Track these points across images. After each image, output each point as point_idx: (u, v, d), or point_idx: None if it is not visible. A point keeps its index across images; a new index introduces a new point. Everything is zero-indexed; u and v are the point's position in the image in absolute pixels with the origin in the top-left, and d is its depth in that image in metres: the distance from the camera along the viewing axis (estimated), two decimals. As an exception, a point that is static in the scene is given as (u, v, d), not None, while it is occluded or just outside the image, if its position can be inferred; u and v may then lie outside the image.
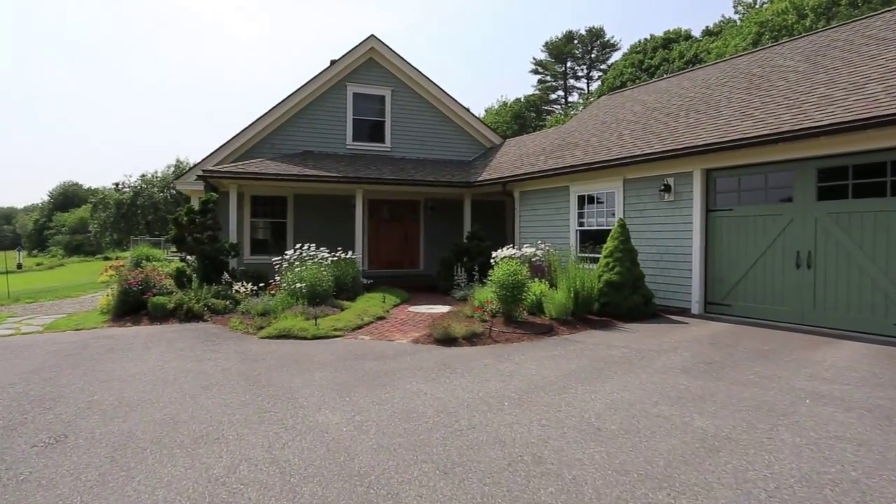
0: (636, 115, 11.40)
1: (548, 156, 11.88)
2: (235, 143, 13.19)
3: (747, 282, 7.81)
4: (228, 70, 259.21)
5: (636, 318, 8.03)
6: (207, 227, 10.12)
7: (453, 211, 15.21)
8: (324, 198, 14.04)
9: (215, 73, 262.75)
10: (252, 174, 11.29)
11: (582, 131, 12.43)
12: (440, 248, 14.86)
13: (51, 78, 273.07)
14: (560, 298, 7.70)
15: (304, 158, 13.18)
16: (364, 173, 12.53)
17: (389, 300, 9.89)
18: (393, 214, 15.14)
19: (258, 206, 13.67)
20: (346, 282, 10.22)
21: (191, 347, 6.35)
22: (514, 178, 11.62)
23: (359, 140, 14.46)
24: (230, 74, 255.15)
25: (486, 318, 7.72)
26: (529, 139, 15.43)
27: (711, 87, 10.43)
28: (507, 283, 7.40)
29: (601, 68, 59.89)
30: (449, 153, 15.39)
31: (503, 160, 13.71)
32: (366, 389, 4.56)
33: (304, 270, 8.86)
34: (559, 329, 7.31)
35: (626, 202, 9.55)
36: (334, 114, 14.20)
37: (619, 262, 8.17)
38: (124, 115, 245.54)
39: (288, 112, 13.70)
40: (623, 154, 9.23)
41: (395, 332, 7.31)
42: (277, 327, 7.14)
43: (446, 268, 12.40)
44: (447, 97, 15.18)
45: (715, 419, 3.70)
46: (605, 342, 6.48)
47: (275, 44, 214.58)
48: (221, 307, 8.69)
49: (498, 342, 6.57)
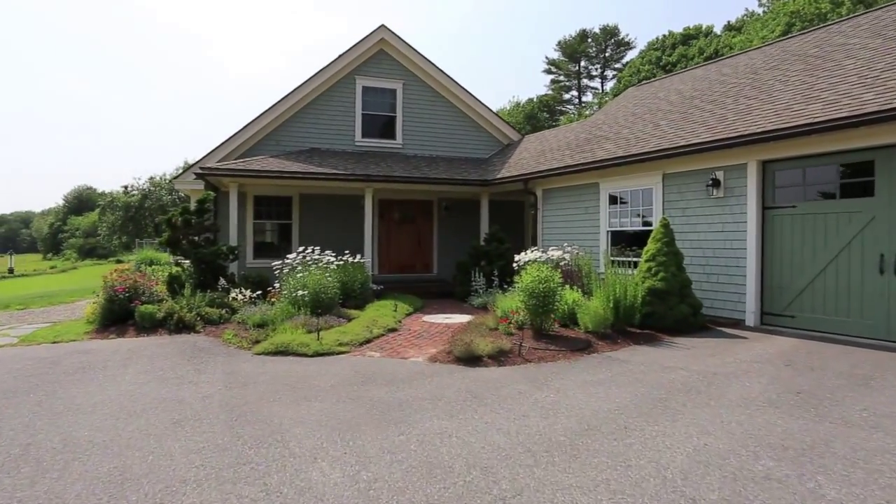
0: (672, 104, 10.38)
1: (574, 150, 10.90)
2: (237, 139, 12.42)
3: (815, 290, 6.75)
4: (254, 76, 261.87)
5: (683, 330, 7.01)
6: (204, 228, 9.32)
7: (469, 212, 14.28)
8: (331, 198, 13.20)
9: (245, 80, 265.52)
10: (253, 172, 10.48)
11: (611, 124, 11.43)
12: (455, 251, 13.94)
13: (66, 82, 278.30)
14: (597, 309, 6.71)
15: (309, 156, 12.36)
16: (374, 171, 11.66)
17: (401, 308, 8.98)
18: (404, 215, 14.25)
19: (261, 207, 12.86)
20: (354, 288, 9.33)
21: (173, 366, 5.49)
22: (537, 175, 10.66)
23: (368, 136, 13.62)
24: (256, 81, 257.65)
25: (511, 331, 6.77)
26: (551, 134, 14.45)
27: (759, 72, 9.37)
28: (537, 291, 6.44)
29: (615, 67, 58.69)
30: (464, 150, 14.48)
31: (523, 156, 12.75)
32: (374, 429, 3.63)
33: (307, 276, 7.99)
34: (598, 344, 6.32)
35: (665, 200, 8.53)
36: (342, 109, 13.37)
37: (664, 266, 7.16)
38: (140, 118, 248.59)
39: (293, 107, 12.90)
40: (663, 146, 8.22)
41: (408, 348, 6.39)
42: (275, 342, 6.25)
43: (463, 272, 11.46)
44: (462, 90, 14.27)
45: (851, 487, 2.71)
46: (656, 361, 5.48)
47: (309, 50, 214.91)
48: (216, 317, 7.84)
49: (530, 361, 5.61)
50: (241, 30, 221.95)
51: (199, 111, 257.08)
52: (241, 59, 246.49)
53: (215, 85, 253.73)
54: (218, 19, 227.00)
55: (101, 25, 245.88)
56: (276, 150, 12.61)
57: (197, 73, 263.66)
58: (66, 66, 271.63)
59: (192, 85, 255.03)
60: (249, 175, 10.46)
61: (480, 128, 14.71)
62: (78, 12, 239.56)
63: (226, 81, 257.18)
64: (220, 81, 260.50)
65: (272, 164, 11.12)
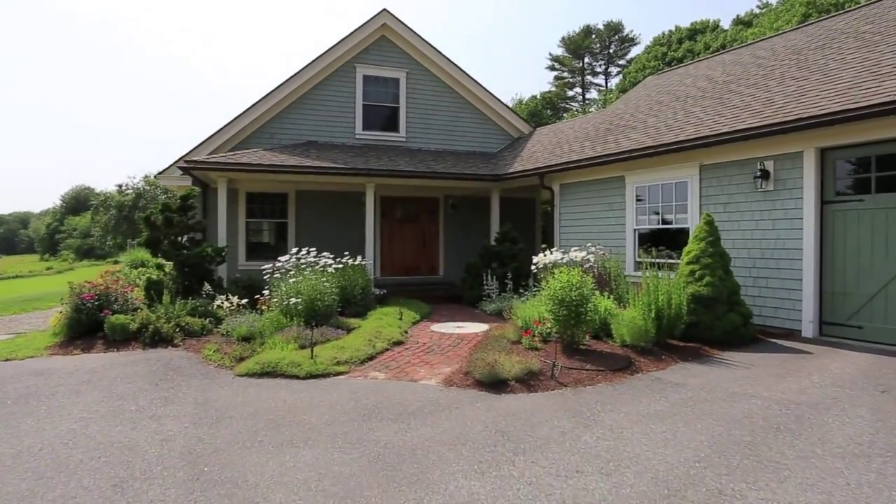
0: (703, 90, 9.44)
1: (595, 141, 9.96)
2: (227, 132, 11.49)
3: (888, 296, 5.82)
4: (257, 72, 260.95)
5: (733, 343, 6.09)
6: (188, 228, 8.40)
7: (477, 209, 13.35)
8: (330, 195, 12.27)
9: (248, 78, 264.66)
10: (244, 165, 9.55)
11: (633, 113, 10.49)
12: (463, 252, 13.02)
13: (65, 81, 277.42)
14: (635, 319, 5.78)
15: (306, 149, 11.43)
16: (376, 165, 10.73)
17: (407, 316, 8.05)
18: (408, 213, 13.32)
19: (255, 205, 11.93)
20: (354, 294, 8.41)
21: (137, 393, 4.56)
22: (555, 169, 9.73)
23: (370, 129, 12.68)
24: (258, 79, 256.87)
25: (536, 345, 5.84)
26: (566, 125, 13.52)
27: (804, 52, 8.44)
28: (568, 299, 5.51)
29: (619, 64, 57.82)
30: (471, 144, 13.54)
31: (536, 149, 11.82)
32: (382, 495, 2.71)
33: (301, 282, 7.06)
34: (639, 362, 5.39)
35: (702, 194, 7.60)
36: (341, 99, 12.44)
37: (709, 269, 6.23)
38: (139, 115, 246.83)
39: (288, 97, 11.97)
40: (701, 133, 7.29)
41: (418, 366, 5.46)
42: (261, 360, 5.32)
43: (472, 275, 10.54)
44: (470, 80, 13.34)
45: None
46: (718, 386, 4.55)
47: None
48: (198, 328, 6.92)
49: (565, 385, 4.68)
50: (248, 30, 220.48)
51: (206, 110, 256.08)
52: (244, 59, 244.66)
53: (218, 86, 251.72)
54: (222, 19, 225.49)
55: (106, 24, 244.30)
56: (270, 144, 11.68)
57: (201, 73, 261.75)
58: (65, 63, 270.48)
59: (198, 84, 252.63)
60: (239, 169, 9.54)
61: (489, 120, 13.77)
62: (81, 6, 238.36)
63: (232, 80, 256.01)
64: (222, 81, 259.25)
65: (265, 157, 10.20)
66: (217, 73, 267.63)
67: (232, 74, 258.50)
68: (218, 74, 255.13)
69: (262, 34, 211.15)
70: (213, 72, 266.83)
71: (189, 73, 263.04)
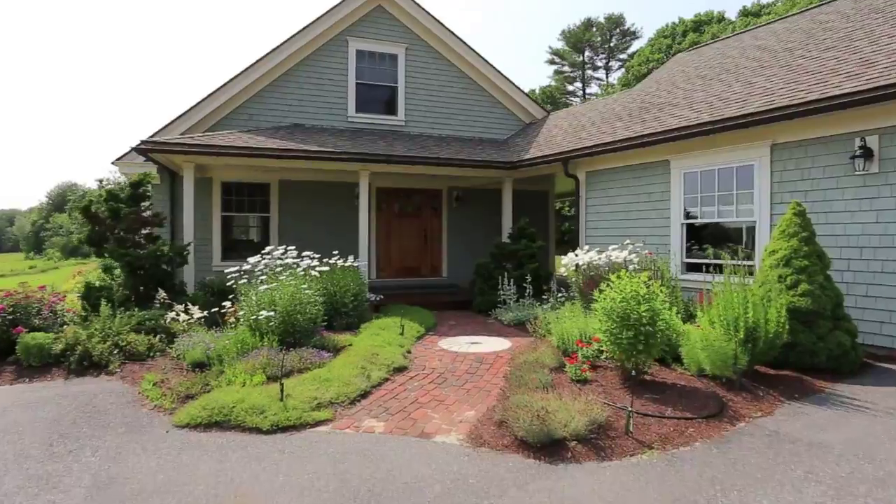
0: (759, 60, 7.99)
1: (628, 121, 8.51)
2: (199, 112, 9.94)
3: None
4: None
5: (840, 371, 4.67)
6: (141, 222, 6.87)
7: (486, 203, 11.89)
8: (319, 186, 10.75)
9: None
10: (213, 148, 8.02)
11: (670, 89, 9.04)
12: (469, 250, 11.57)
13: (53, 75, 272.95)
14: (716, 341, 4.32)
15: (290, 132, 9.90)
16: (370, 149, 9.23)
17: (410, 329, 6.57)
18: (408, 207, 11.82)
19: (231, 197, 10.39)
20: (345, 302, 6.90)
21: (14, 462, 3.05)
22: (581, 153, 8.26)
23: (364, 111, 11.16)
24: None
25: (586, 376, 4.38)
26: (586, 108, 12.07)
27: (883, 10, 7.01)
28: (634, 316, 4.04)
29: (620, 58, 56.58)
30: (479, 129, 12.05)
31: (555, 133, 10.35)
32: None
33: (275, 289, 5.54)
34: (732, 402, 3.94)
35: (775, 180, 6.15)
36: (332, 77, 10.91)
37: (806, 274, 4.79)
38: (135, 111, 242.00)
39: (271, 73, 10.42)
40: (777, 104, 5.84)
41: (429, 408, 3.98)
42: (211, 403, 3.80)
43: (483, 278, 9.08)
44: (477, 57, 11.84)
45: None
46: (874, 447, 3.10)
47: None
48: (143, 348, 5.39)
49: (648, 446, 3.21)
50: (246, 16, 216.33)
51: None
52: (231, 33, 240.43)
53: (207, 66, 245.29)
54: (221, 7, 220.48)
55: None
56: (250, 126, 10.14)
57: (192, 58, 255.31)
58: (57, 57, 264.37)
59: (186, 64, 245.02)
60: (208, 151, 7.99)
61: (498, 103, 12.28)
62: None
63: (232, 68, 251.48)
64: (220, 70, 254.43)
65: (241, 139, 8.66)
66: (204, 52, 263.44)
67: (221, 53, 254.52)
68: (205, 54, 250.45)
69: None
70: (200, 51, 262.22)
71: (176, 53, 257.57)
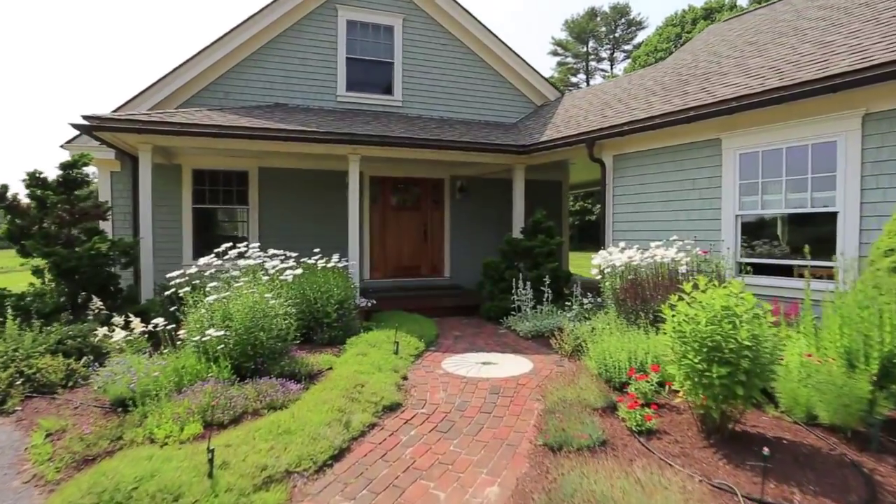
0: (826, 19, 6.70)
1: (663, 96, 7.23)
2: (166, 87, 8.63)
3: None
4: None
5: None
6: (80, 214, 5.59)
7: (494, 193, 10.64)
8: (305, 175, 9.48)
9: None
10: (174, 126, 6.73)
11: (713, 59, 7.75)
12: (475, 247, 10.34)
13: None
14: (832, 375, 3.06)
15: (270, 112, 8.61)
16: (361, 129, 7.95)
17: (406, 345, 5.32)
18: (406, 199, 10.57)
19: (204, 187, 9.12)
20: (327, 311, 5.65)
21: None
22: (609, 132, 6.98)
23: (356, 90, 9.86)
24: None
25: (650, 424, 3.13)
26: (609, 85, 10.78)
27: None
28: (729, 347, 2.78)
29: (625, 48, 55.25)
30: (485, 112, 10.75)
31: (573, 113, 9.07)
32: None
33: (232, 300, 4.27)
34: (874, 471, 2.69)
35: (867, 159, 4.88)
36: (319, 51, 9.60)
37: (942, 282, 3.52)
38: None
39: (249, 44, 9.11)
40: (878, 59, 4.56)
41: (433, 480, 2.73)
42: (100, 484, 2.49)
43: (492, 279, 7.82)
44: (484, 31, 10.53)
45: None
46: None
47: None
48: (59, 377, 4.13)
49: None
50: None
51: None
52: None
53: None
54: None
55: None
56: (225, 105, 8.86)
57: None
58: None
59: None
60: (167, 130, 6.71)
61: (506, 83, 10.97)
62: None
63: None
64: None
65: (208, 117, 7.38)
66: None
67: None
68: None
69: None
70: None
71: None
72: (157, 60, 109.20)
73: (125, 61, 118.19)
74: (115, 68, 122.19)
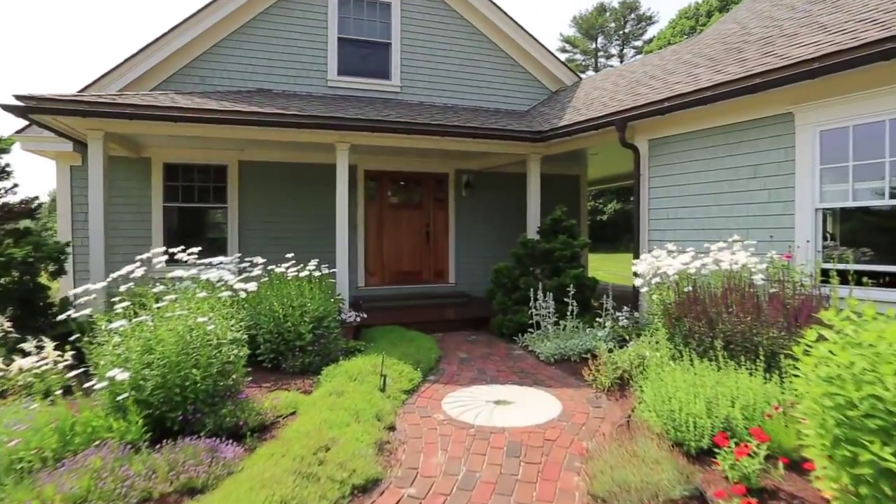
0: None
1: (710, 66, 6.02)
2: (131, 71, 7.56)
3: None
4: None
5: None
6: (3, 212, 4.50)
7: (504, 189, 9.50)
8: (292, 169, 8.40)
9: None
10: (126, 108, 5.64)
11: (767, 25, 6.51)
12: (484, 249, 9.22)
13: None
14: None
15: (249, 97, 7.53)
16: (352, 114, 6.82)
17: (397, 377, 4.16)
18: (405, 195, 9.44)
19: (178, 182, 8.05)
20: (300, 332, 4.51)
21: None
22: (646, 111, 5.80)
23: (349, 73, 8.75)
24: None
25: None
26: (636, 65, 9.61)
27: None
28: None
29: (635, 45, 53.89)
30: (494, 98, 9.59)
31: (596, 96, 7.88)
32: None
33: (159, 327, 3.13)
34: None
35: None
36: (308, 29, 8.51)
37: None
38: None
39: (228, 21, 8.03)
40: None
41: None
42: None
43: (505, 288, 6.64)
44: (492, 7, 9.38)
45: None
46: None
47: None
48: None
49: None
50: None
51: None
52: None
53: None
54: None
55: None
56: (202, 90, 7.79)
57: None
58: None
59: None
60: (120, 114, 5.62)
61: (517, 66, 9.80)
62: None
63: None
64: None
65: (171, 100, 6.30)
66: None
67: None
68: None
69: None
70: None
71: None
72: (133, 44, 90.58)
73: (100, 43, 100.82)
74: (88, 51, 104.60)
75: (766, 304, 3.65)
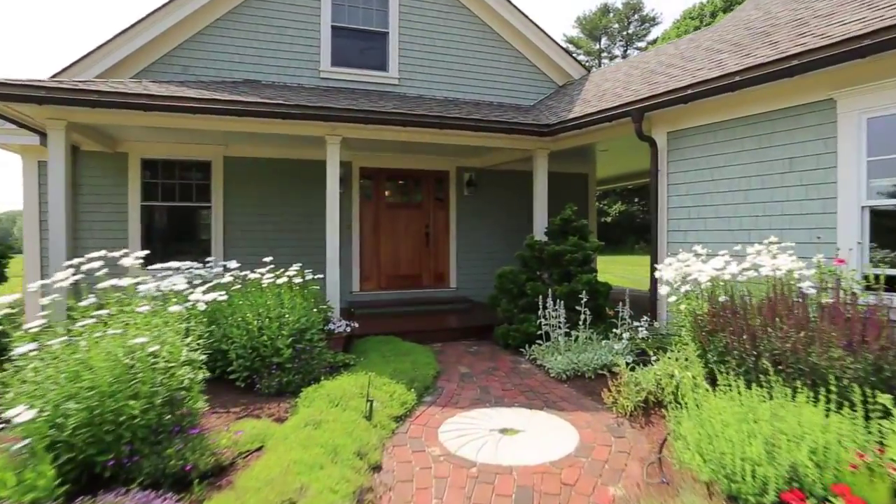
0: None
1: (734, 52, 5.46)
2: (106, 58, 7.01)
3: None
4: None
5: None
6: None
7: (508, 188, 8.97)
8: (283, 166, 7.86)
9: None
10: (91, 96, 5.10)
11: (797, 6, 5.95)
12: (487, 251, 8.68)
13: None
14: None
15: (234, 87, 6.98)
16: (344, 104, 6.27)
17: (387, 401, 3.60)
18: (403, 194, 8.90)
19: (158, 180, 7.51)
20: (277, 347, 3.95)
21: None
22: (665, 100, 5.24)
23: (343, 64, 8.20)
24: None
25: None
26: (649, 55, 9.10)
27: None
28: None
29: (639, 45, 53.47)
30: (498, 92, 9.04)
31: (607, 87, 7.33)
32: None
33: (93, 348, 2.57)
34: None
35: None
36: (299, 17, 7.97)
37: None
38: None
39: (213, 7, 7.50)
40: None
41: None
42: None
43: (510, 294, 6.08)
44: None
45: None
46: None
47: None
48: None
49: None
50: None
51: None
52: None
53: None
54: None
55: None
56: (184, 80, 7.25)
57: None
58: None
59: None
60: (82, 101, 5.08)
61: (523, 58, 9.25)
62: None
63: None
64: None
65: (143, 87, 5.75)
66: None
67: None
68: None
69: None
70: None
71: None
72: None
73: (82, 33, 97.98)
74: (69, 41, 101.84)
75: (819, 318, 3.09)
